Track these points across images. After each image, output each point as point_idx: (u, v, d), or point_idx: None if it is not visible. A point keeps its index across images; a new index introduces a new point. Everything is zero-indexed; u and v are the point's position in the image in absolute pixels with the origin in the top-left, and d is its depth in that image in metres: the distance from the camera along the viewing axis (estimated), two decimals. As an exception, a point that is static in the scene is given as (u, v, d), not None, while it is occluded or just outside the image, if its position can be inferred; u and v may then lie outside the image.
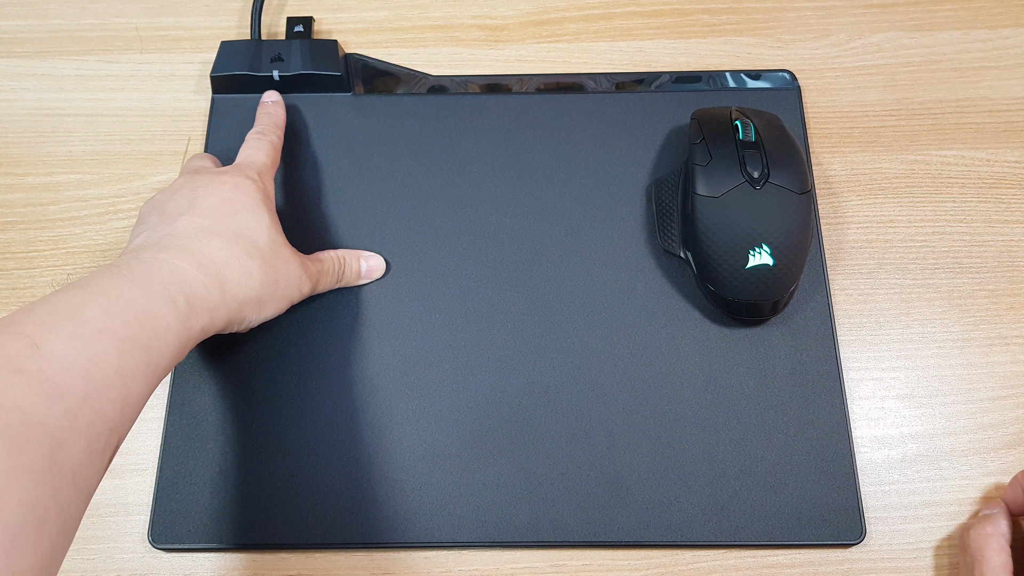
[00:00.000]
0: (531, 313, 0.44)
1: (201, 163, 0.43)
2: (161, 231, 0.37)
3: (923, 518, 0.40)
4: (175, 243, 0.36)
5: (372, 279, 0.44)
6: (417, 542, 0.40)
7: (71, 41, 0.52)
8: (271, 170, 0.43)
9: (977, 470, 0.41)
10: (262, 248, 0.38)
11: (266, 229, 0.38)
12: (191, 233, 0.36)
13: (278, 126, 0.46)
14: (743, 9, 0.53)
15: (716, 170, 0.42)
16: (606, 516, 0.40)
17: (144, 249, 0.35)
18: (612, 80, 0.50)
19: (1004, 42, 0.51)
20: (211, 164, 0.44)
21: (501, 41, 0.52)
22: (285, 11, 0.53)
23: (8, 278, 0.46)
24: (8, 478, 0.25)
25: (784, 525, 0.39)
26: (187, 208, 0.37)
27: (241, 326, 0.38)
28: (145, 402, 0.32)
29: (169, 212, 0.38)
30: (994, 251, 0.46)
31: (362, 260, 0.44)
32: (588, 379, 0.42)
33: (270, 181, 0.42)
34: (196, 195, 0.38)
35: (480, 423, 0.41)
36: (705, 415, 0.41)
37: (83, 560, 0.40)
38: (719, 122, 0.44)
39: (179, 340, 0.33)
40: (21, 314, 0.30)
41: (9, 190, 0.48)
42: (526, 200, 0.46)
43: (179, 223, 0.37)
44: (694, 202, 0.42)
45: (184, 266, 0.34)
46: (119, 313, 0.31)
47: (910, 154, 0.48)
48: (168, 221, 0.37)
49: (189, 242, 0.36)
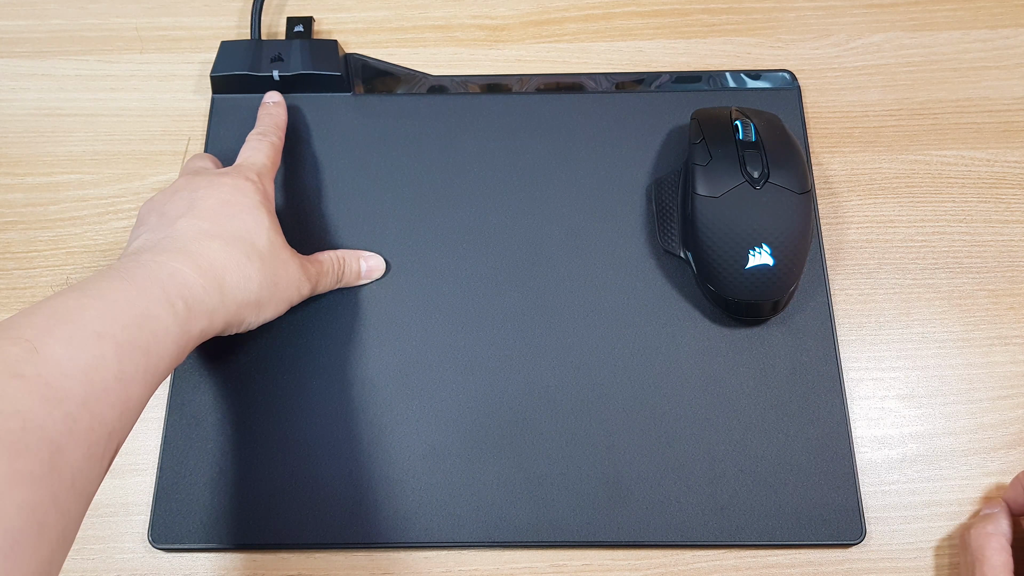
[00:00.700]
0: (531, 313, 0.44)
1: (201, 163, 0.43)
2: (160, 233, 0.37)
3: (923, 518, 0.40)
4: (174, 246, 0.36)
5: (372, 279, 0.44)
6: (417, 542, 0.40)
7: (71, 41, 0.52)
8: (271, 171, 0.43)
9: (977, 470, 0.41)
10: (261, 250, 0.38)
11: (265, 231, 0.38)
12: (190, 235, 0.36)
13: (279, 127, 0.46)
14: (743, 9, 0.53)
15: (716, 170, 0.42)
16: (606, 516, 0.40)
17: (143, 252, 0.35)
18: (612, 80, 0.50)
19: (1004, 42, 0.51)
20: (211, 164, 0.44)
21: (501, 41, 0.52)
22: (285, 11, 0.53)
23: (8, 278, 0.46)
24: (8, 483, 0.25)
25: (784, 525, 0.39)
26: (186, 210, 0.37)
27: (240, 328, 0.38)
28: (144, 405, 0.32)
29: (168, 214, 0.38)
30: (994, 251, 0.46)
31: (362, 260, 0.44)
32: (588, 379, 0.42)
33: (270, 182, 0.42)
34: (195, 197, 0.38)
35: (480, 423, 0.41)
36: (705, 415, 0.41)
37: (83, 560, 0.40)
38: (719, 122, 0.44)
39: (178, 343, 0.33)
40: (20, 318, 0.30)
41: (9, 190, 0.48)
42: (526, 200, 0.46)
43: (178, 225, 0.37)
44: (694, 202, 0.42)
45: (183, 269, 0.34)
46: (118, 317, 0.31)
47: (910, 154, 0.48)
48: (167, 223, 0.37)
49: (188, 244, 0.36)
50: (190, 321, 0.34)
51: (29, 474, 0.25)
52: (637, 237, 0.45)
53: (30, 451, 0.26)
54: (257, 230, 0.38)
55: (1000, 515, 0.38)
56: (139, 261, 0.34)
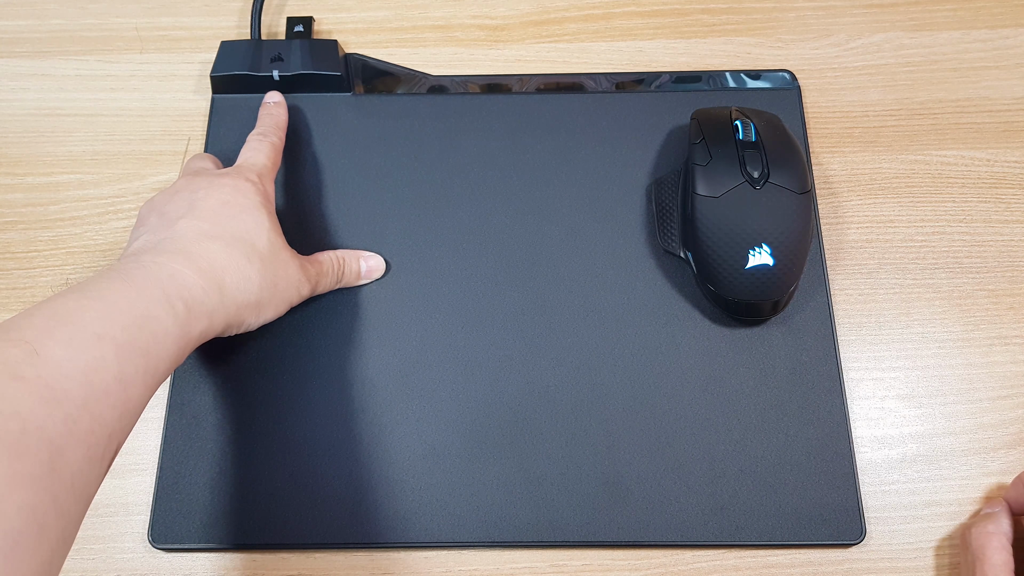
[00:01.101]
0: (531, 313, 0.44)
1: (202, 164, 0.43)
2: (160, 234, 0.37)
3: (923, 518, 0.40)
4: (174, 247, 0.36)
5: (372, 279, 0.44)
6: (417, 542, 0.40)
7: (71, 41, 0.52)
8: (271, 172, 0.43)
9: (977, 470, 0.41)
10: (261, 251, 0.38)
11: (265, 232, 0.38)
12: (190, 237, 0.36)
13: (279, 127, 0.46)
14: (743, 9, 0.53)
15: (716, 170, 0.42)
16: (606, 516, 0.40)
17: (143, 253, 0.35)
18: (612, 80, 0.50)
19: (1004, 42, 0.51)
20: (212, 165, 0.44)
21: (501, 41, 0.52)
22: (285, 11, 0.53)
23: (8, 278, 0.46)
24: (7, 485, 0.25)
25: (784, 525, 0.39)
26: (186, 211, 0.37)
27: (240, 329, 0.38)
28: (144, 406, 0.32)
29: (168, 214, 0.38)
30: (994, 251, 0.46)
31: (361, 260, 0.44)
32: (588, 379, 0.42)
33: (270, 183, 0.42)
34: (195, 197, 0.38)
35: (480, 423, 0.41)
36: (705, 415, 0.41)
37: (83, 560, 0.40)
38: (719, 122, 0.44)
39: (178, 345, 0.33)
40: (20, 319, 0.30)
41: (9, 190, 0.48)
42: (526, 200, 0.46)
43: (178, 226, 0.37)
44: (694, 202, 0.42)
45: (183, 270, 0.34)
46: (118, 318, 0.31)
47: (910, 154, 0.48)
48: (167, 224, 0.37)
49: (188, 246, 0.36)
50: (190, 322, 0.33)
51: (29, 476, 0.25)
52: (637, 237, 0.45)
53: (30, 453, 0.26)
54: (257, 231, 0.38)
55: (1001, 514, 0.38)
56: (139, 262, 0.34)
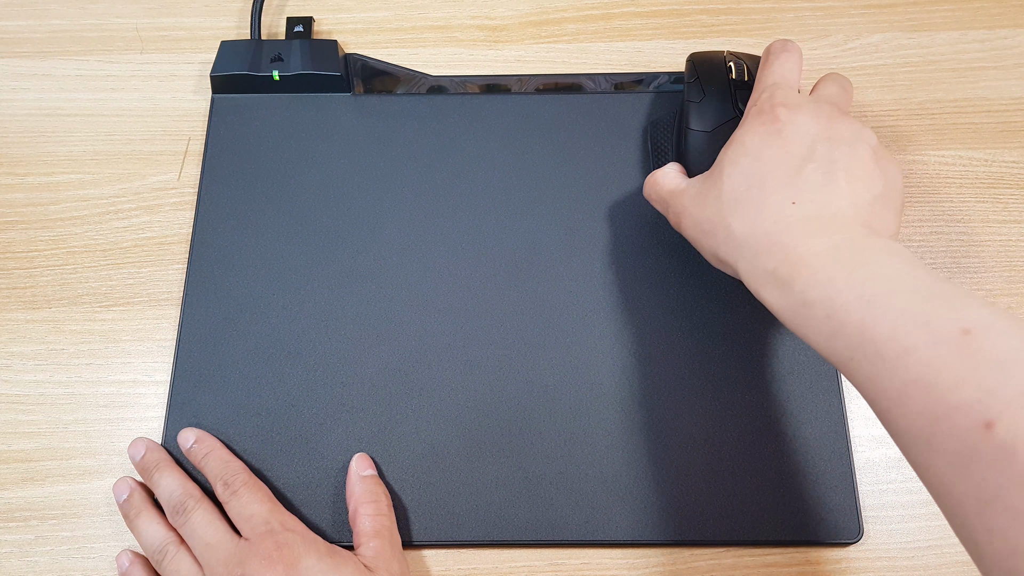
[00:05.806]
0: (531, 313, 0.44)
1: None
2: None
3: (920, 517, 0.40)
4: None
5: (371, 470, 0.41)
6: (416, 541, 0.40)
7: (71, 41, 0.52)
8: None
9: (974, 469, 0.41)
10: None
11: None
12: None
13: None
14: (742, 9, 0.53)
15: (709, 106, 0.44)
16: (605, 515, 0.40)
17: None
18: (611, 80, 0.50)
19: (1002, 42, 0.51)
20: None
21: (500, 41, 0.52)
22: (285, 11, 0.53)
23: (8, 278, 0.46)
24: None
25: (782, 524, 0.40)
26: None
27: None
28: None
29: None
30: (992, 251, 0.46)
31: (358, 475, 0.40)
32: (587, 379, 0.42)
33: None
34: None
35: (479, 423, 0.42)
36: (703, 414, 0.42)
37: (83, 560, 0.40)
38: (713, 63, 0.46)
39: None
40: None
41: (10, 190, 0.48)
42: (525, 200, 0.47)
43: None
44: (687, 136, 0.43)
45: None
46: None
47: (908, 154, 0.48)
48: None
49: None
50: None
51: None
52: (636, 237, 0.46)
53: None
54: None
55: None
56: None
